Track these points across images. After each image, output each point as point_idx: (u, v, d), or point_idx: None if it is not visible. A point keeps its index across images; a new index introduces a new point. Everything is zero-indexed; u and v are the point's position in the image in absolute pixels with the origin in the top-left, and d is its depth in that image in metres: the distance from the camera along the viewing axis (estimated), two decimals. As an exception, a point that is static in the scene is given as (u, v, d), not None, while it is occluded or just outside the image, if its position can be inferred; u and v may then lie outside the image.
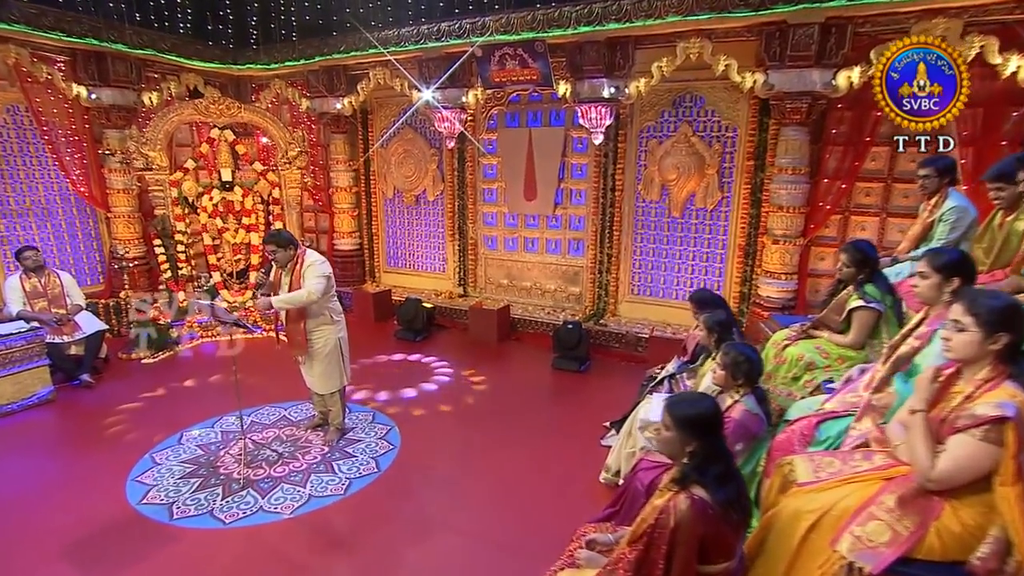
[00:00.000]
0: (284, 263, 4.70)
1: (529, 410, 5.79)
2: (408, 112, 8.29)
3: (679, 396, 2.65)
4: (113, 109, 7.77)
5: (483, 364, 6.96)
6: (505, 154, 8.00)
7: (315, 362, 4.87)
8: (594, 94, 6.73)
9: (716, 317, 4.28)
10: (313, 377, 4.97)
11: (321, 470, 4.74)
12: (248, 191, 8.30)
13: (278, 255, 4.66)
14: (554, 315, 7.83)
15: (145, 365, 6.95)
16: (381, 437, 5.26)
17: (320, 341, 4.79)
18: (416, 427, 5.40)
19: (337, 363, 4.88)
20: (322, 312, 4.74)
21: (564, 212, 7.80)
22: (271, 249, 4.65)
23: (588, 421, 5.51)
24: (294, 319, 4.72)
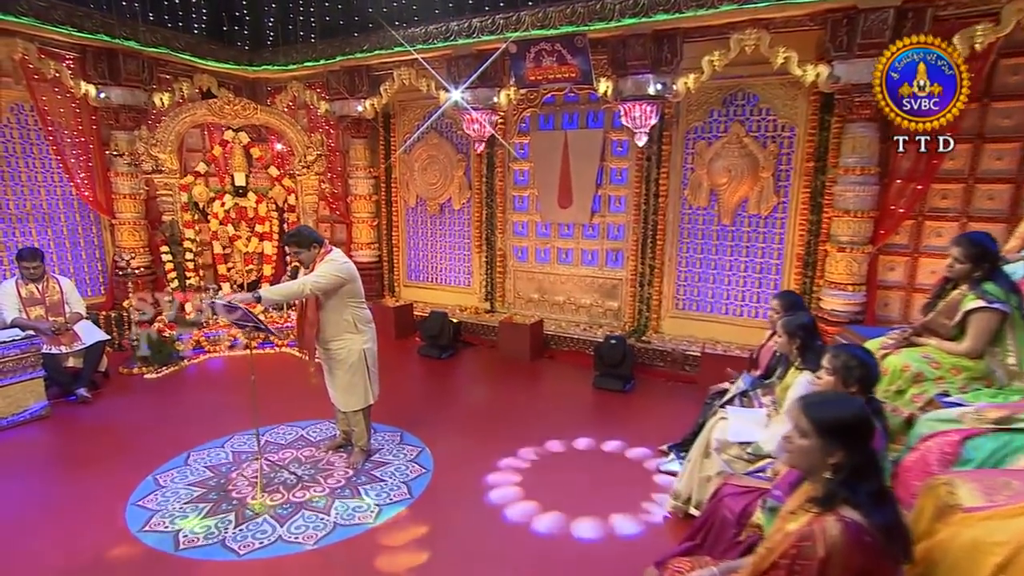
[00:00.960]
0: (307, 264, 4.36)
1: (572, 432, 5.36)
2: (436, 114, 7.99)
3: (817, 396, 2.20)
4: (122, 109, 7.56)
5: (517, 383, 6.63)
6: (538, 159, 7.71)
7: (337, 374, 4.49)
8: (638, 91, 6.40)
9: (798, 320, 3.85)
10: (336, 391, 4.57)
11: (346, 495, 4.30)
12: (262, 197, 8.05)
13: (302, 256, 4.32)
14: (590, 332, 7.44)
15: (148, 380, 6.58)
16: (411, 459, 4.83)
17: (341, 351, 4.42)
18: (449, 449, 4.98)
19: (362, 377, 4.50)
20: (343, 318, 4.38)
21: (602, 220, 7.48)
22: (293, 251, 4.31)
23: (639, 444, 5.09)
24: (310, 323, 4.35)
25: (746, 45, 5.85)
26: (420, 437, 5.20)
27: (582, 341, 7.30)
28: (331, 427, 5.31)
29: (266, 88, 9.17)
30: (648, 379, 6.62)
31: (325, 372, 4.61)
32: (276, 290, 4.14)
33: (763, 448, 3.64)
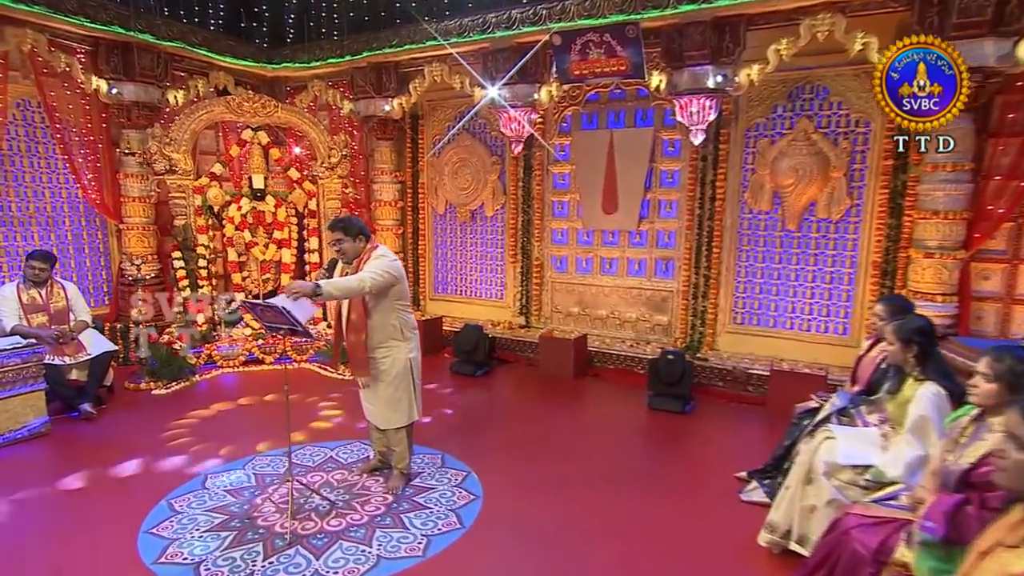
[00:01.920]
0: (350, 258, 4.06)
1: (632, 457, 5.02)
2: (470, 113, 7.75)
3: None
4: (135, 107, 7.31)
5: (563, 402, 6.34)
6: (580, 161, 7.45)
7: (379, 387, 4.15)
8: (696, 85, 6.07)
9: (913, 324, 3.45)
10: (376, 407, 4.23)
11: (388, 524, 3.90)
12: (281, 201, 7.75)
13: (344, 245, 4.01)
14: (638, 348, 7.09)
15: (157, 396, 6.26)
16: (457, 485, 4.45)
17: (386, 360, 4.10)
18: (498, 474, 4.60)
19: (407, 391, 4.19)
20: (389, 323, 4.08)
21: (651, 227, 7.19)
22: (336, 237, 4.01)
23: (711, 471, 4.72)
24: (355, 329, 3.99)
25: (818, 31, 5.52)
26: (464, 461, 4.82)
27: (630, 358, 6.96)
28: (364, 447, 4.98)
29: (285, 88, 8.95)
30: (707, 400, 6.23)
31: (361, 386, 4.25)
32: (337, 284, 3.79)
33: (885, 473, 3.22)
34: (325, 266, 4.17)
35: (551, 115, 7.59)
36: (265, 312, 3.80)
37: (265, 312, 3.80)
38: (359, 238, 4.03)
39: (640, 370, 6.77)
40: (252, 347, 7.22)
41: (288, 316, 3.67)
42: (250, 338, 7.33)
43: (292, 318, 3.69)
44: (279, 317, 3.76)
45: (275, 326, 3.88)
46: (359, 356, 4.05)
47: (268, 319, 3.84)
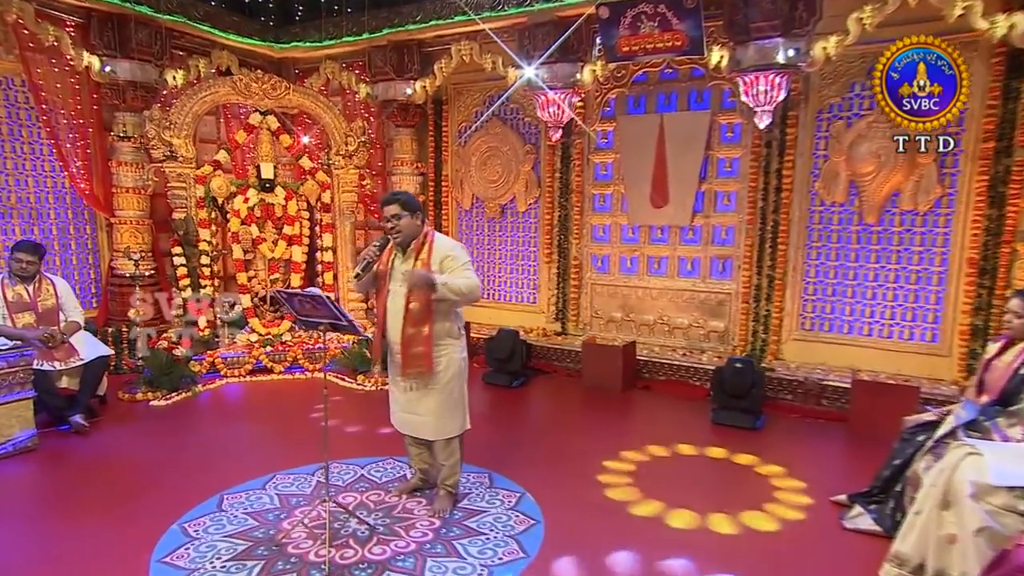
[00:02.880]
0: (407, 241, 3.78)
1: (702, 477, 4.74)
2: (504, 95, 7.52)
3: None
4: (129, 87, 7.12)
5: (615, 418, 6.09)
6: (626, 148, 7.26)
7: (432, 393, 3.86)
8: (764, 60, 5.80)
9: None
10: (425, 416, 3.92)
11: (439, 552, 3.58)
12: (292, 193, 7.49)
13: (403, 222, 3.73)
14: (692, 358, 6.83)
15: (155, 408, 5.96)
16: (512, 507, 4.15)
17: (441, 360, 3.84)
18: (556, 496, 4.29)
19: (461, 396, 3.97)
20: (449, 318, 3.86)
21: (706, 222, 6.97)
22: (393, 212, 3.72)
23: (804, 496, 4.38)
24: (416, 320, 3.71)
25: (911, -6, 5.24)
26: (515, 480, 4.51)
27: (684, 368, 6.69)
28: (399, 465, 4.70)
29: (294, 70, 8.78)
30: (776, 414, 5.92)
31: (400, 393, 3.97)
32: (457, 283, 3.63)
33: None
34: (376, 243, 3.84)
35: (592, 99, 7.36)
36: (303, 303, 3.53)
37: (303, 303, 3.53)
38: (416, 215, 3.77)
39: (696, 381, 6.53)
40: (260, 354, 6.95)
41: (332, 307, 3.41)
42: (257, 344, 7.03)
43: (337, 309, 3.42)
44: (319, 309, 3.50)
45: (313, 320, 3.61)
46: (418, 352, 3.74)
47: (306, 312, 3.58)
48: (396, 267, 3.82)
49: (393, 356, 3.88)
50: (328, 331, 3.65)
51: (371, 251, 3.83)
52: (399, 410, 4.03)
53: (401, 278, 3.76)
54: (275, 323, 7.35)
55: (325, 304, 3.45)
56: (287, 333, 7.29)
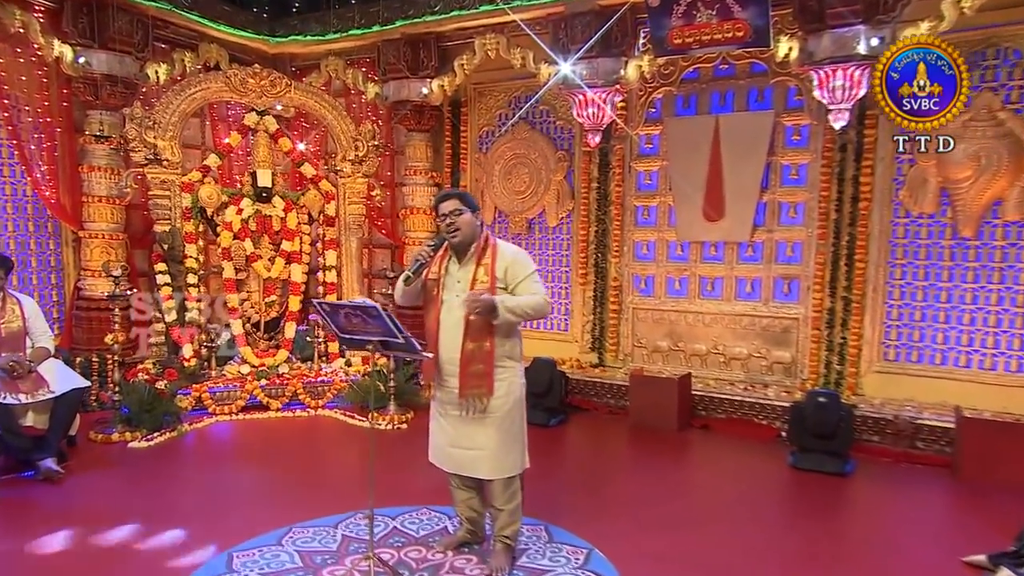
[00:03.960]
0: (465, 244, 3.57)
1: (796, 530, 4.45)
2: (539, 93, 7.37)
3: None
4: (106, 82, 6.91)
5: (675, 460, 5.94)
6: (675, 155, 7.17)
7: (489, 423, 3.60)
8: (842, 51, 5.64)
9: None
10: (480, 451, 3.63)
11: (506, 622, 3.20)
12: (292, 205, 7.30)
13: (463, 219, 3.52)
14: (755, 392, 6.63)
15: (135, 450, 5.63)
16: (580, 566, 3.83)
17: (502, 384, 3.60)
18: (627, 550, 4.00)
19: (521, 429, 3.73)
20: (511, 335, 3.65)
21: (768, 237, 6.84)
22: (452, 208, 3.52)
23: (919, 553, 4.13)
24: (477, 334, 3.50)
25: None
26: (577, 533, 4.20)
27: (747, 405, 6.50)
28: (438, 516, 4.41)
29: (290, 67, 8.61)
30: (864, 459, 5.63)
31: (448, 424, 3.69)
32: (523, 304, 3.50)
33: None
34: (430, 243, 3.59)
35: (635, 99, 7.26)
36: (351, 317, 3.26)
37: (351, 317, 3.26)
38: (477, 214, 3.60)
39: (762, 419, 6.34)
40: (254, 389, 6.64)
41: (389, 321, 3.13)
42: (250, 377, 6.75)
43: (394, 323, 3.13)
44: (370, 324, 3.24)
45: (360, 338, 3.32)
46: (477, 371, 3.52)
47: (353, 328, 3.30)
48: (451, 273, 3.61)
49: (444, 378, 3.63)
50: (377, 352, 3.35)
51: (424, 251, 3.61)
52: (446, 444, 3.74)
53: (459, 287, 3.56)
54: (270, 353, 7.11)
55: (380, 317, 3.17)
56: (283, 364, 7.02)
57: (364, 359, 7.26)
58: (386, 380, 6.50)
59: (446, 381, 3.62)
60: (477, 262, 3.53)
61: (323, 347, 7.32)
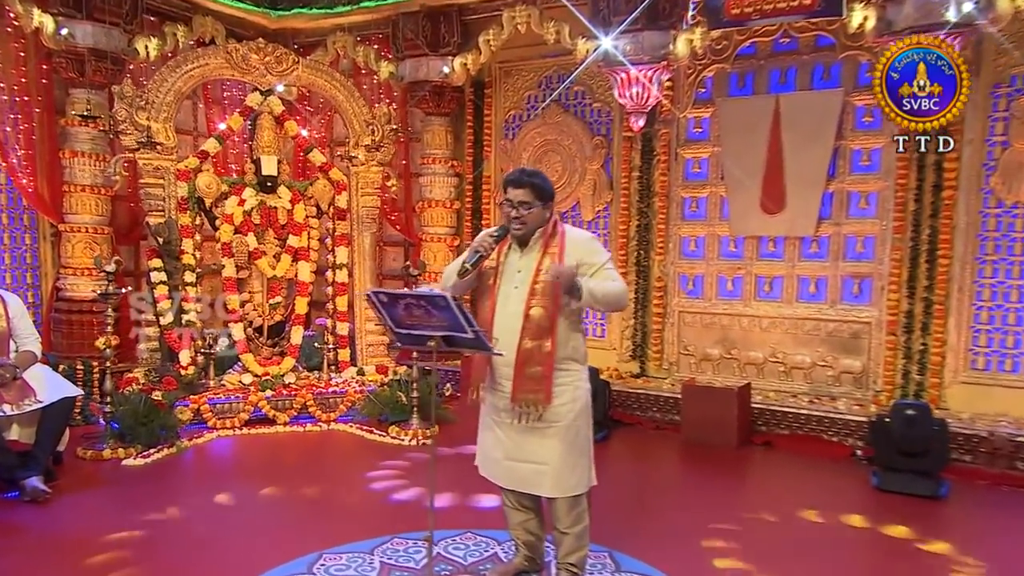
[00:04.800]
0: (530, 231, 3.42)
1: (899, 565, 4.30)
2: (577, 70, 7.26)
3: None
4: (92, 56, 6.90)
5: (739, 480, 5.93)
6: (728, 139, 7.13)
7: (552, 434, 3.47)
8: (928, 18, 5.53)
9: None
10: (542, 464, 3.49)
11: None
12: (299, 195, 7.27)
13: (530, 214, 3.38)
14: (823, 405, 6.53)
15: (129, 468, 5.53)
16: None
17: (565, 390, 3.46)
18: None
19: (587, 441, 3.59)
20: (576, 333, 3.52)
21: (836, 231, 6.78)
22: (521, 198, 3.38)
23: None
24: (536, 331, 3.38)
25: None
26: (647, 560, 4.09)
27: (814, 419, 6.38)
28: (484, 541, 4.28)
29: (293, 44, 8.58)
30: (956, 480, 5.45)
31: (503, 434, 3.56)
32: (607, 290, 3.38)
33: None
34: (493, 231, 3.46)
35: (683, 77, 7.16)
36: (412, 309, 3.12)
37: (412, 309, 3.12)
38: (548, 203, 3.46)
39: (831, 436, 6.23)
40: (259, 400, 6.52)
41: (460, 313, 3.00)
42: (253, 387, 6.65)
43: (464, 317, 3.00)
44: (435, 317, 3.09)
45: (420, 334, 3.17)
46: (535, 373, 3.39)
47: (414, 321, 3.16)
48: (511, 262, 3.46)
49: (497, 380, 3.49)
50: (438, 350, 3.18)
51: (486, 241, 3.46)
52: (502, 457, 3.58)
53: (519, 277, 3.43)
54: (274, 360, 7.05)
55: (448, 308, 2.99)
56: (290, 373, 6.96)
57: (379, 368, 7.26)
58: (408, 391, 6.44)
59: (500, 384, 3.48)
60: (543, 250, 3.40)
61: (333, 354, 7.26)
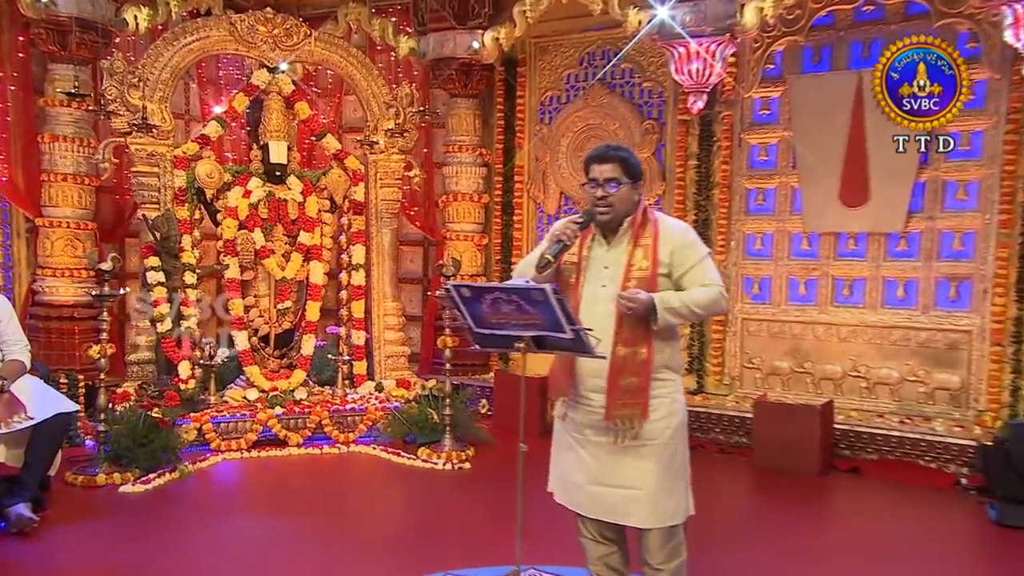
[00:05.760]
0: (619, 217, 3.27)
1: None
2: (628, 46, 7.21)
3: None
4: (75, 27, 6.84)
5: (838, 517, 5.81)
6: (801, 122, 7.08)
7: (646, 454, 3.33)
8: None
9: None
10: (635, 489, 3.34)
11: None
12: (311, 187, 7.21)
13: (619, 193, 3.24)
14: (917, 426, 6.40)
15: (126, 495, 5.46)
16: None
17: (661, 404, 3.31)
18: None
19: (685, 463, 3.44)
20: (672, 339, 3.41)
21: (929, 225, 6.69)
22: (608, 175, 3.24)
23: None
24: (631, 338, 3.23)
25: None
26: None
27: (907, 442, 6.22)
28: None
29: (299, 16, 8.35)
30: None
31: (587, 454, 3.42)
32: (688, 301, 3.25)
33: None
34: (578, 218, 3.26)
35: (748, 52, 7.14)
36: (499, 304, 2.98)
37: (499, 304, 2.98)
38: (638, 184, 3.32)
39: (928, 461, 6.06)
40: (269, 419, 6.40)
41: (559, 311, 2.85)
42: (260, 404, 6.54)
43: (566, 313, 2.87)
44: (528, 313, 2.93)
45: (507, 334, 3.01)
46: (630, 385, 3.25)
47: (500, 320, 3.03)
48: (596, 257, 3.34)
49: (583, 393, 3.35)
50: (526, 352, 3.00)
51: (570, 228, 3.28)
52: (585, 481, 3.41)
53: (606, 273, 3.30)
54: (282, 374, 6.96)
55: (546, 303, 2.80)
56: (300, 388, 6.87)
57: (400, 382, 7.18)
58: (440, 407, 6.33)
59: (587, 397, 3.31)
60: (634, 242, 3.26)
61: (347, 367, 7.16)
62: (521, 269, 3.43)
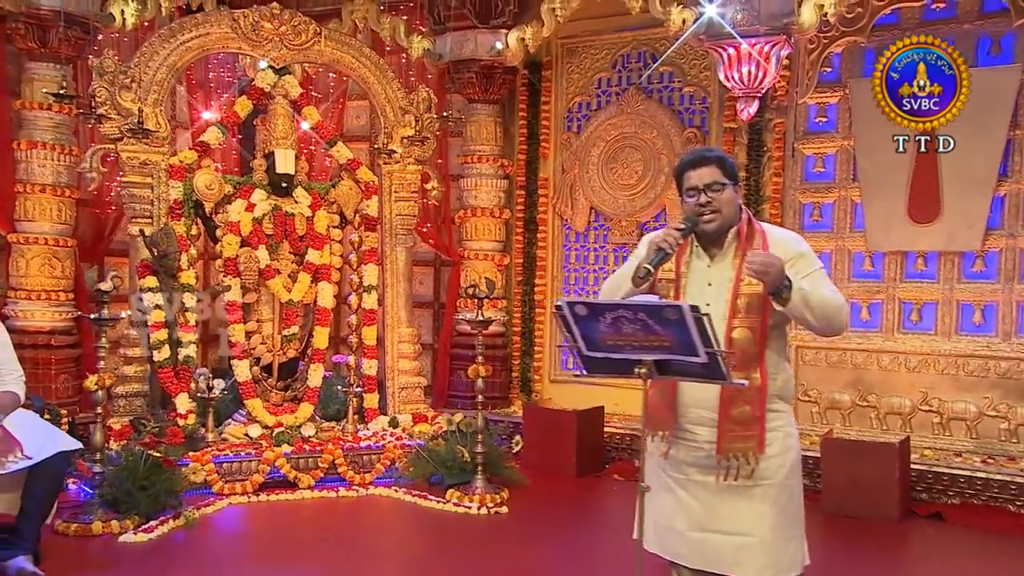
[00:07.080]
0: (725, 224, 3.23)
1: None
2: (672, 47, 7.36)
3: None
4: (56, 23, 6.90)
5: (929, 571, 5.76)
6: (864, 131, 7.05)
7: (758, 496, 3.27)
8: None
9: None
10: (748, 538, 3.26)
11: None
12: (320, 200, 7.25)
13: (723, 197, 3.20)
14: (1003, 467, 6.38)
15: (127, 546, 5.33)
16: None
17: (776, 441, 3.28)
18: None
19: (800, 507, 3.39)
20: (783, 363, 3.39)
21: (1009, 244, 6.69)
22: (709, 179, 3.19)
23: None
24: (744, 361, 3.17)
25: None
26: None
27: (995, 485, 6.20)
28: None
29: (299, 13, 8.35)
30: None
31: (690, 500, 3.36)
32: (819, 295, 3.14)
33: None
34: (681, 225, 3.19)
35: (803, 55, 7.12)
36: (622, 323, 2.83)
37: (622, 323, 2.83)
38: (738, 188, 3.32)
39: (1020, 507, 6.02)
40: (277, 459, 6.33)
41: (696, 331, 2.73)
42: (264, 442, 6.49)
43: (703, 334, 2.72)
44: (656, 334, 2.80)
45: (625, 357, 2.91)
46: (743, 415, 3.20)
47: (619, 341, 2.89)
48: (697, 271, 3.29)
49: (685, 427, 3.29)
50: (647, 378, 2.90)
51: (672, 236, 3.19)
52: (687, 528, 3.34)
53: (711, 291, 3.25)
54: (287, 408, 6.90)
55: (681, 323, 2.69)
56: (308, 424, 6.80)
57: (418, 416, 7.12)
58: (471, 444, 6.28)
59: (689, 432, 3.25)
60: (742, 256, 3.20)
61: (359, 400, 7.10)
62: (614, 284, 3.36)
